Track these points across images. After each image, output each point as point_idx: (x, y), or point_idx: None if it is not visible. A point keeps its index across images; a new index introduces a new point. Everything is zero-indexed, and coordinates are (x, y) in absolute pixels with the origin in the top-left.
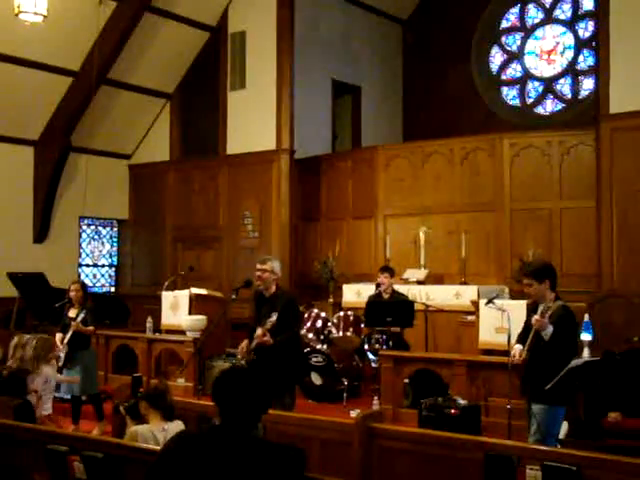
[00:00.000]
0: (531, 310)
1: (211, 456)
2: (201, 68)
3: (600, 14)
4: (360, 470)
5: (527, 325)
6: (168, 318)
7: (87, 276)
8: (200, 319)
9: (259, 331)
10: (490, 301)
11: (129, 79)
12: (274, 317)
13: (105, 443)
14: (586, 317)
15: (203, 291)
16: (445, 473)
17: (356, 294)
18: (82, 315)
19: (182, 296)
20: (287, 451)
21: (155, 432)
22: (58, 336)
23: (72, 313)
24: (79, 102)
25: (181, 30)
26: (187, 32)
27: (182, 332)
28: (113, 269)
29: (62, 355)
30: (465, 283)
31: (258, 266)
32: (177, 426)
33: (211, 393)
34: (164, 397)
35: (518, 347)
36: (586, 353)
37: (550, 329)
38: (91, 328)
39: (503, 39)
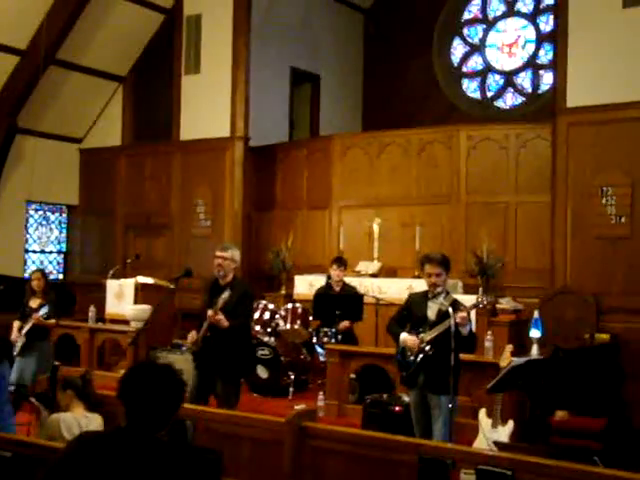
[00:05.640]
0: (417, 300)
1: (112, 459)
2: (155, 51)
3: (559, 8)
4: (291, 471)
5: (413, 314)
6: (113, 307)
7: (34, 263)
8: (144, 309)
9: (210, 312)
10: None
11: (80, 60)
12: (226, 294)
13: (15, 442)
14: (535, 314)
15: (149, 280)
16: (379, 475)
17: (308, 285)
18: (45, 310)
19: (128, 285)
20: (200, 455)
21: (79, 419)
22: (16, 324)
23: (33, 303)
24: (26, 82)
25: (135, 11)
26: (141, 13)
27: (127, 322)
28: (62, 256)
29: (19, 344)
30: (418, 277)
31: (218, 253)
32: (97, 419)
33: (117, 391)
34: (91, 388)
35: (412, 337)
36: (535, 350)
37: (470, 325)
38: (53, 321)
39: (465, 31)
